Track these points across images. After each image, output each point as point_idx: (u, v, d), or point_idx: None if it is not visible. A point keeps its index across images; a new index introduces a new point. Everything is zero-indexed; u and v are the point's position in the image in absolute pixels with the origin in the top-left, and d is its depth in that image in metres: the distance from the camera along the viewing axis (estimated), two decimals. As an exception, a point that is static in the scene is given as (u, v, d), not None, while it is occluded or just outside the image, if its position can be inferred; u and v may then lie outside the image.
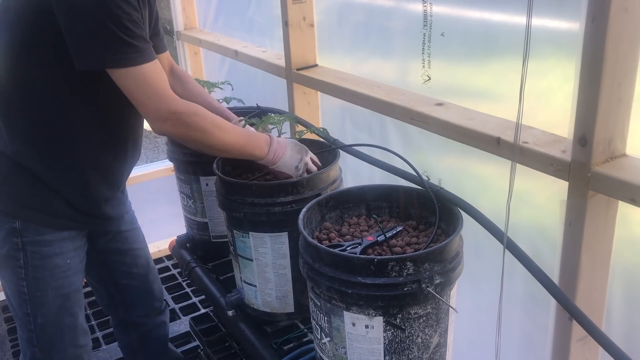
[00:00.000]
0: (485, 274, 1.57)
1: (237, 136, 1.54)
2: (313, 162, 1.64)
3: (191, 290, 3.16)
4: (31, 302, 1.65)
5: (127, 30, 1.35)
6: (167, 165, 3.33)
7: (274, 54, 2.40)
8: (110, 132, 1.62)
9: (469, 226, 1.27)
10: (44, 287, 1.64)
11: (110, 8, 1.32)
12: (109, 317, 2.17)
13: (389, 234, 1.33)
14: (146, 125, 1.57)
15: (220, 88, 2.12)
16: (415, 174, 1.43)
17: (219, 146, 1.52)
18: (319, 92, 2.17)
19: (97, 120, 1.57)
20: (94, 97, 1.53)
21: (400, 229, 1.38)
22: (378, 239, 1.31)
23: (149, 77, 1.40)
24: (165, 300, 2.16)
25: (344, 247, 1.28)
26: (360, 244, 1.29)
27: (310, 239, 1.26)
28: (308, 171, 1.62)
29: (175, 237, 2.27)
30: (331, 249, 1.22)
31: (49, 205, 1.59)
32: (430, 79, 1.57)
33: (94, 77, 1.42)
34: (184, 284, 3.23)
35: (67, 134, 1.55)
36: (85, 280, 1.85)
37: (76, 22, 1.34)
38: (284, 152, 1.58)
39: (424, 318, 1.20)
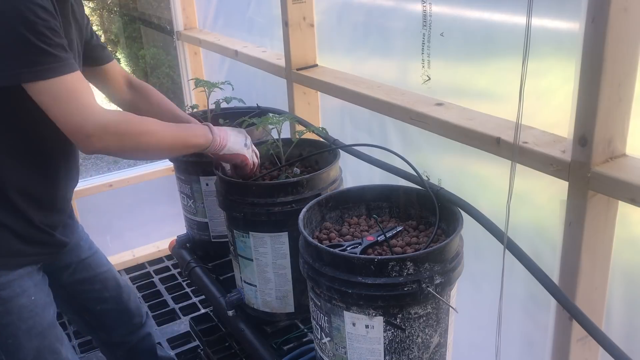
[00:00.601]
0: (485, 274, 1.57)
1: (176, 131, 1.45)
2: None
3: (191, 290, 3.16)
4: (5, 352, 1.53)
5: (44, 38, 1.22)
6: (167, 165, 3.34)
7: (274, 54, 2.40)
8: (39, 159, 1.50)
9: (469, 226, 1.27)
10: (14, 333, 1.52)
11: (24, 14, 1.19)
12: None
13: (389, 234, 1.33)
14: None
15: (221, 88, 2.12)
16: (415, 174, 1.43)
17: (160, 147, 1.42)
18: (319, 92, 2.18)
19: (21, 143, 1.45)
20: (16, 123, 1.41)
21: (400, 228, 1.38)
22: (378, 238, 1.31)
23: (71, 89, 1.27)
24: (146, 312, 2.09)
25: (344, 247, 1.28)
26: (360, 243, 1.29)
27: (310, 239, 1.26)
28: (255, 162, 1.57)
29: (175, 237, 2.27)
30: (331, 249, 1.22)
31: None
32: (430, 79, 1.57)
33: (14, 96, 1.29)
34: (184, 284, 3.23)
35: None
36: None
37: None
38: (227, 135, 1.51)
39: (424, 318, 1.20)
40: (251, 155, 1.54)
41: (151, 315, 2.15)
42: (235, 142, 1.52)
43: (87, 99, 1.29)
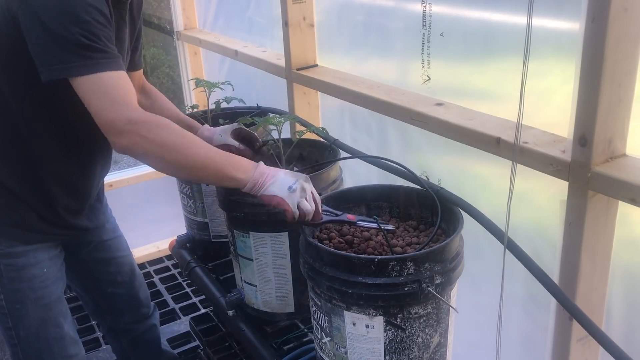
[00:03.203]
0: (485, 274, 1.57)
1: (214, 154, 1.31)
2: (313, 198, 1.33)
3: (191, 290, 3.16)
4: (11, 315, 1.61)
5: (93, 36, 1.27)
6: (167, 165, 3.32)
7: (274, 54, 2.40)
8: (80, 151, 1.58)
9: (468, 226, 1.27)
10: (22, 299, 1.60)
11: (79, 14, 1.26)
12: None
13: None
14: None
15: (221, 88, 2.12)
16: (418, 179, 1.43)
17: (189, 164, 1.29)
18: (319, 92, 2.17)
19: (66, 138, 1.53)
20: (62, 115, 1.49)
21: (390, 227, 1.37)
22: (358, 222, 1.33)
23: (109, 85, 1.28)
24: (153, 303, 2.13)
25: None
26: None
27: (310, 238, 1.26)
28: (302, 209, 1.29)
29: (175, 237, 2.27)
30: (332, 249, 1.22)
31: (20, 220, 1.55)
32: (430, 79, 1.57)
33: (63, 94, 1.35)
34: (184, 284, 3.23)
35: (37, 151, 1.51)
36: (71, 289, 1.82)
37: (42, 29, 1.27)
38: (276, 174, 1.32)
39: (425, 318, 1.20)
40: (294, 202, 1.29)
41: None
42: (280, 181, 1.31)
43: (124, 96, 1.28)
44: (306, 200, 1.30)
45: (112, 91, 1.28)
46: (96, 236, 1.84)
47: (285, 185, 1.30)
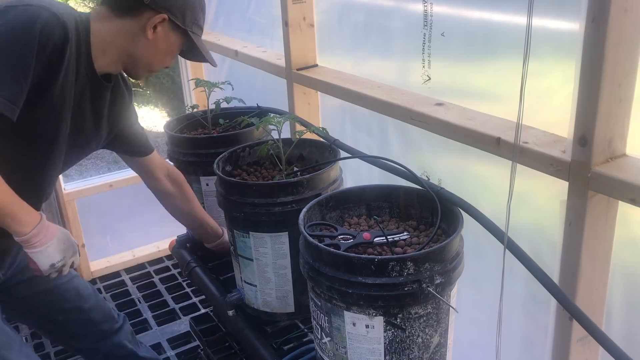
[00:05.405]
0: (485, 274, 1.57)
1: (8, 196, 1.32)
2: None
3: (191, 290, 3.16)
4: None
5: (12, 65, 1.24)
6: (167, 165, 3.33)
7: (274, 54, 2.40)
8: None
9: (469, 226, 1.27)
10: None
11: (32, 41, 1.24)
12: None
13: (390, 238, 1.32)
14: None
15: (221, 88, 2.12)
16: (418, 179, 1.43)
17: None
18: (319, 92, 2.18)
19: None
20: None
21: (405, 236, 1.35)
22: (374, 240, 1.30)
23: None
24: (122, 315, 2.03)
25: (334, 236, 1.29)
26: (354, 237, 1.29)
27: (311, 239, 1.26)
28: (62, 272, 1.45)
29: (175, 237, 2.27)
30: (332, 249, 1.22)
31: None
32: (430, 79, 1.57)
33: None
34: (184, 284, 3.24)
35: None
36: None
37: None
38: (48, 242, 1.39)
39: (425, 318, 1.20)
40: (48, 273, 1.42)
41: (128, 320, 2.04)
42: (48, 254, 1.40)
43: None
44: (62, 271, 1.45)
45: None
46: (29, 272, 1.55)
47: (48, 262, 1.40)
